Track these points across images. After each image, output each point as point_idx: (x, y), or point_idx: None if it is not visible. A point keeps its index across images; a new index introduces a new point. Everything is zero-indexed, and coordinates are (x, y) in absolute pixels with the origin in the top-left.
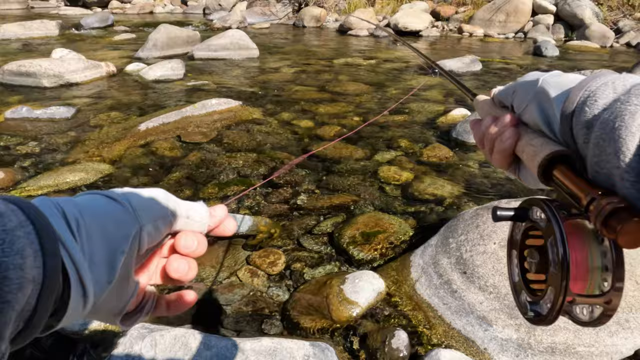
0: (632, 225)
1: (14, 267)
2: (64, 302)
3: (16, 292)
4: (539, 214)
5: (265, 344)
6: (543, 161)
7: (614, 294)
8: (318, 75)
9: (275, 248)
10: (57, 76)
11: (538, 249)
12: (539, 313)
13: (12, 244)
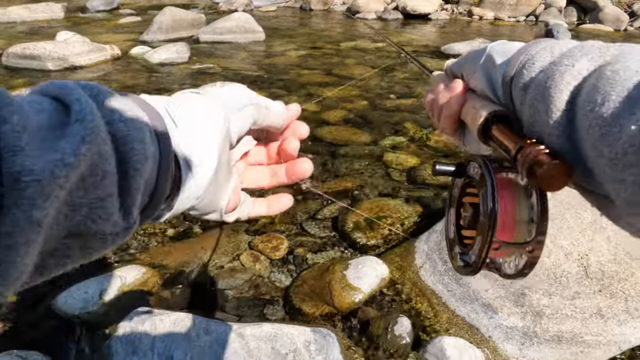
0: (550, 169)
1: (138, 140)
2: (177, 183)
3: (143, 161)
4: (475, 169)
5: (266, 329)
6: (483, 120)
7: (537, 244)
8: (325, 59)
9: (277, 233)
10: (62, 59)
11: (473, 206)
12: (467, 262)
13: (132, 121)
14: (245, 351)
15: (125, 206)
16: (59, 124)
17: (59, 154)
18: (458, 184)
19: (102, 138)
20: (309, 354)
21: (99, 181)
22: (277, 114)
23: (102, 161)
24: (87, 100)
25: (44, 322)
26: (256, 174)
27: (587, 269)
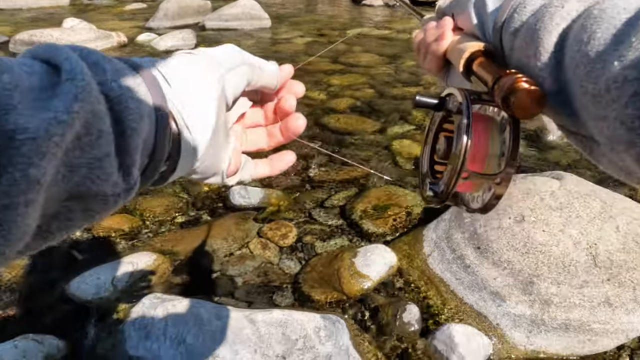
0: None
1: (132, 99)
2: (176, 147)
3: (139, 120)
4: (455, 102)
5: (276, 315)
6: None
7: (505, 176)
8: (331, 46)
9: (286, 221)
10: None
11: (447, 139)
12: (435, 191)
13: (125, 81)
14: (256, 336)
15: (124, 166)
16: (50, 85)
17: (52, 112)
18: (436, 118)
19: (95, 97)
20: (319, 339)
21: (95, 140)
22: (271, 74)
23: (97, 120)
24: (77, 60)
25: (58, 307)
26: (254, 136)
27: (595, 258)
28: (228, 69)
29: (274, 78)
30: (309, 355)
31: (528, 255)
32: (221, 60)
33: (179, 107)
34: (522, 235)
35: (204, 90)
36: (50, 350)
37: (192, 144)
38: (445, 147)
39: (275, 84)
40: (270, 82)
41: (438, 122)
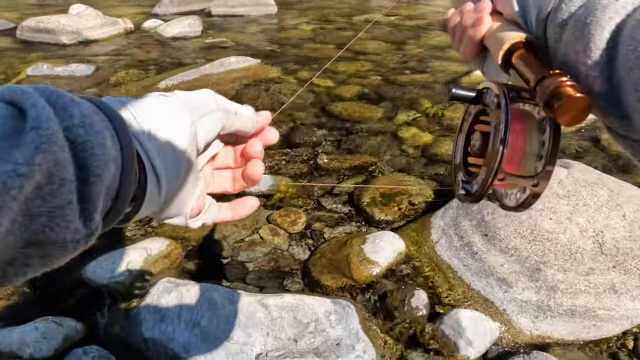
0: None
1: (98, 145)
2: (142, 188)
3: (104, 167)
4: (492, 97)
5: (288, 300)
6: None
7: (542, 179)
8: (337, 33)
9: (295, 208)
10: (76, 33)
11: (483, 135)
12: (468, 191)
13: (92, 126)
14: (269, 320)
15: (86, 213)
16: (14, 132)
17: (11, 164)
18: (472, 111)
19: (60, 146)
20: (329, 323)
21: (57, 189)
22: (247, 119)
23: (60, 169)
24: (44, 106)
25: (75, 291)
26: (222, 179)
27: (602, 246)
28: (202, 115)
29: (250, 124)
30: (320, 338)
31: (535, 243)
32: (196, 105)
33: (148, 150)
34: (530, 223)
35: (175, 134)
36: (69, 332)
37: (158, 188)
38: (481, 144)
39: (251, 129)
40: (246, 128)
41: (474, 114)
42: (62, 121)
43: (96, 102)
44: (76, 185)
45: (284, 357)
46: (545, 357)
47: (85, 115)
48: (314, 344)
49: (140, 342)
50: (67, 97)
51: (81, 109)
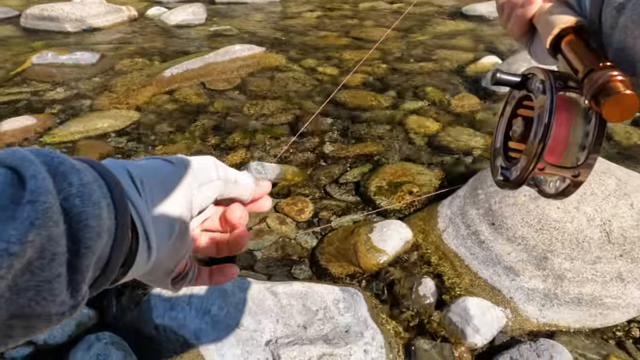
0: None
1: (93, 216)
2: (132, 254)
3: (96, 239)
4: (537, 84)
5: (297, 287)
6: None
7: (583, 170)
8: (342, 21)
9: (302, 196)
10: (80, 20)
11: (526, 120)
12: (507, 177)
13: (90, 196)
14: (278, 307)
15: (73, 284)
16: (10, 203)
17: (3, 242)
18: (515, 95)
19: (54, 220)
20: (338, 311)
21: (47, 264)
22: (245, 188)
23: (52, 244)
24: (43, 177)
25: None
26: (208, 242)
27: (609, 234)
28: (202, 183)
29: (248, 192)
30: (329, 325)
31: (542, 232)
32: (197, 172)
33: (143, 216)
34: (537, 212)
35: (172, 200)
36: (82, 318)
37: (148, 253)
38: (523, 130)
39: (248, 198)
40: (243, 195)
41: (518, 99)
42: (60, 191)
43: (97, 167)
44: (67, 258)
45: (293, 343)
46: (552, 344)
47: (84, 183)
48: (323, 330)
49: (151, 328)
50: (68, 163)
51: (80, 177)
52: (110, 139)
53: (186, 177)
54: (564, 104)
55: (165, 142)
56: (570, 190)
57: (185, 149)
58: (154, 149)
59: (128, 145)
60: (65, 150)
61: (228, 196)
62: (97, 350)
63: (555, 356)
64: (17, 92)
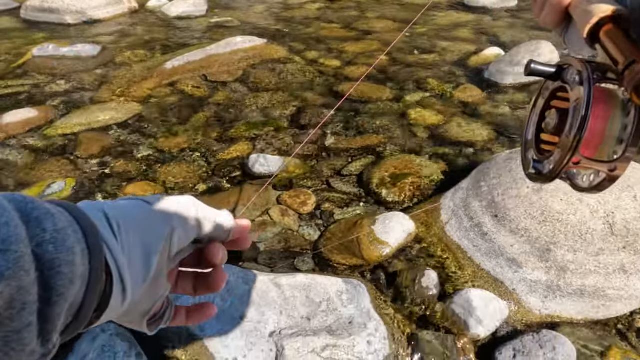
0: None
1: (66, 263)
2: (106, 297)
3: (68, 286)
4: (574, 75)
5: (300, 279)
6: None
7: (620, 164)
8: (344, 12)
9: (305, 189)
10: (80, 12)
11: (560, 112)
12: (539, 171)
13: (64, 242)
14: (281, 299)
15: (44, 333)
16: None
17: None
18: (549, 86)
19: (26, 270)
20: (341, 302)
21: (17, 313)
22: (225, 227)
23: (23, 293)
24: (16, 225)
25: None
26: (186, 281)
27: (612, 226)
28: (180, 223)
29: (227, 231)
30: (332, 317)
31: (545, 224)
32: (175, 212)
33: (118, 259)
34: (540, 204)
35: (149, 242)
36: None
37: (122, 296)
38: (557, 123)
39: (227, 238)
40: (222, 235)
41: (552, 90)
42: (33, 237)
43: (72, 211)
44: (37, 306)
45: (297, 334)
46: (554, 336)
47: (58, 229)
48: (327, 322)
49: None
50: (42, 208)
51: (55, 222)
52: (112, 132)
53: (164, 218)
54: (602, 95)
55: (167, 135)
56: (605, 185)
57: (187, 141)
58: (156, 141)
59: (130, 138)
60: (67, 143)
61: (207, 236)
62: (102, 341)
63: (558, 347)
64: (18, 84)
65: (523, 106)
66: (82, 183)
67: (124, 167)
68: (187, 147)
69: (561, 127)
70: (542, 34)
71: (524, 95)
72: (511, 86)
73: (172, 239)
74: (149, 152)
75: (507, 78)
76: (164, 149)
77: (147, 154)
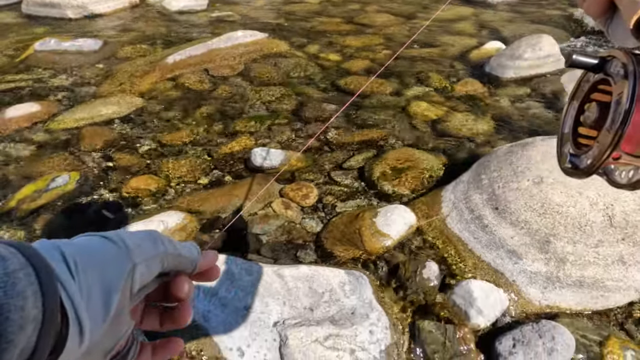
0: None
1: (15, 308)
2: (62, 339)
3: (18, 332)
4: (618, 67)
5: (303, 270)
6: None
7: None
8: (344, 6)
9: (307, 182)
10: (81, 7)
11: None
12: (576, 165)
13: (14, 286)
14: (285, 290)
15: None
16: None
17: None
18: (590, 79)
19: None
20: (343, 293)
21: None
22: (191, 261)
23: None
24: None
25: None
26: (152, 316)
27: (611, 218)
28: (143, 258)
29: (192, 265)
30: (335, 307)
31: (545, 216)
32: (137, 247)
33: (74, 297)
34: (540, 196)
35: (108, 281)
36: None
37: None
38: (597, 116)
39: (193, 269)
40: (187, 269)
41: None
42: None
43: (26, 252)
44: None
45: (300, 324)
46: (553, 326)
47: (9, 272)
48: (329, 312)
49: None
50: None
51: (6, 265)
52: (115, 126)
53: (125, 254)
54: None
55: (170, 129)
56: None
57: (190, 135)
58: (158, 135)
59: (133, 132)
60: (70, 137)
61: (172, 269)
62: None
63: (557, 337)
64: (20, 79)
65: (523, 100)
66: (86, 177)
67: (127, 160)
68: (189, 140)
69: (601, 121)
70: (543, 28)
71: (525, 88)
72: (512, 80)
73: (133, 276)
74: (151, 145)
75: (508, 72)
76: (167, 142)
77: (150, 148)
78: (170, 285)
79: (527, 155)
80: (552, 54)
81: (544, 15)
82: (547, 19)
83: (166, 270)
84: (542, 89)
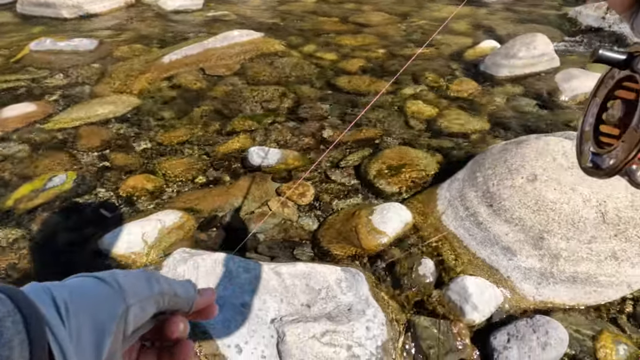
0: None
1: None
2: None
3: None
4: None
5: (300, 268)
6: None
7: None
8: (340, 5)
9: (304, 180)
10: (77, 6)
11: (626, 103)
12: (598, 165)
13: (0, 335)
14: (282, 287)
15: None
16: None
17: None
18: (615, 75)
19: None
20: (340, 290)
21: None
22: (187, 300)
23: None
24: None
25: (93, 261)
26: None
27: (604, 215)
28: (138, 299)
29: (189, 305)
30: (332, 304)
31: (539, 213)
32: (132, 287)
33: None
34: (534, 193)
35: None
36: None
37: None
38: (622, 115)
39: (190, 308)
40: (183, 308)
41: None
42: None
43: (15, 297)
44: None
45: (297, 321)
46: (547, 321)
47: None
48: (326, 309)
49: None
50: None
51: None
52: (112, 125)
53: (118, 296)
54: None
55: (166, 128)
56: None
57: (186, 134)
58: (155, 134)
59: (129, 131)
60: (67, 137)
61: (168, 309)
62: None
63: (551, 332)
64: (16, 79)
65: (518, 98)
66: (83, 176)
67: (124, 160)
68: (186, 140)
69: (627, 120)
70: (538, 27)
71: (519, 87)
72: (506, 78)
73: (127, 318)
74: (148, 145)
75: (503, 70)
76: (164, 142)
77: (146, 147)
78: (164, 326)
79: (521, 153)
80: (546, 53)
81: (539, 15)
82: (541, 18)
83: (161, 310)
84: (536, 88)
